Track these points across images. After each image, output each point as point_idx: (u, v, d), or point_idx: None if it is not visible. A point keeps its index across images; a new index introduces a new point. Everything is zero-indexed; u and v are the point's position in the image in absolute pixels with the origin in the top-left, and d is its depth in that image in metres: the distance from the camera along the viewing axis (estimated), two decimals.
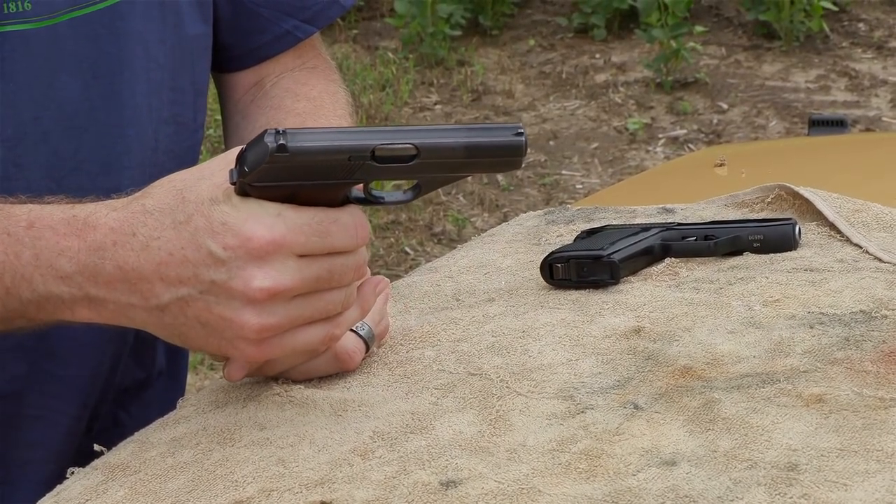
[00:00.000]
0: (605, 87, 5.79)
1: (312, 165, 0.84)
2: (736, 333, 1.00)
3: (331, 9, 1.27)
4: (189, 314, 0.87)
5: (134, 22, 1.12)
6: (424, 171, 0.86)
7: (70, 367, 1.19)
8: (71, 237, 0.89)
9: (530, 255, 1.24)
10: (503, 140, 0.85)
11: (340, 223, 0.87)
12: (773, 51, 5.98)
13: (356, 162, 0.84)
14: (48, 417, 1.19)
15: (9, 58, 1.06)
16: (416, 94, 5.83)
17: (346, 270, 0.88)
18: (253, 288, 0.85)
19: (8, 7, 1.05)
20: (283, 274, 0.85)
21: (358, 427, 0.93)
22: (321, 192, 0.87)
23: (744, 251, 1.17)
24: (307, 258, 0.86)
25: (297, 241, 0.85)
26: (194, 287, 0.86)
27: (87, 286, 0.89)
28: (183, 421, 0.99)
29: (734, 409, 0.88)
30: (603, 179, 4.89)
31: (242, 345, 0.88)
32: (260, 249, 0.84)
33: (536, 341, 1.03)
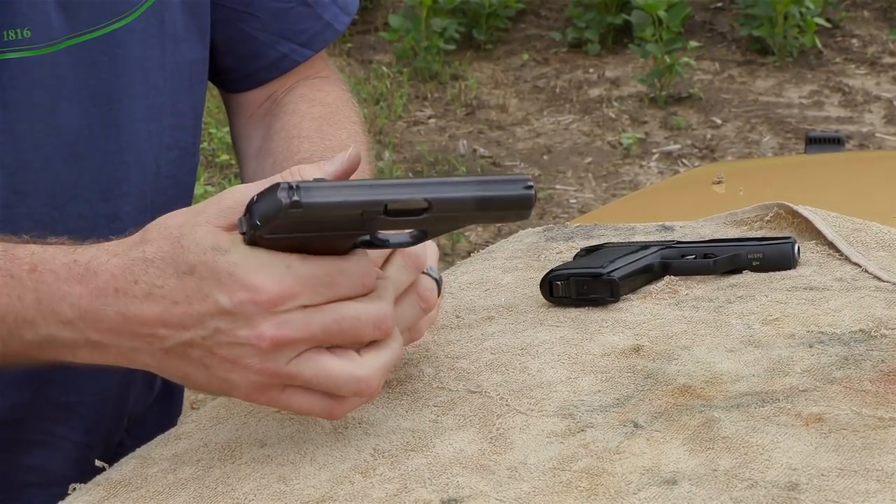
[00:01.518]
0: (598, 101, 5.81)
1: (325, 220, 0.83)
2: (735, 352, 1.00)
3: (326, 32, 1.28)
4: (193, 356, 0.87)
5: (132, 49, 1.12)
6: (434, 223, 0.87)
7: (73, 393, 1.19)
8: (73, 283, 0.88)
9: (530, 272, 1.25)
10: (513, 194, 0.86)
11: (347, 273, 0.86)
12: (767, 66, 6.00)
13: (368, 216, 0.84)
14: (50, 442, 1.19)
15: (9, 85, 1.06)
16: (410, 108, 5.84)
17: (362, 325, 0.87)
18: (260, 337, 0.84)
19: (7, 35, 1.04)
20: (290, 325, 0.84)
21: (359, 444, 0.93)
22: (331, 244, 0.87)
23: (743, 269, 1.18)
24: (314, 307, 0.85)
25: (304, 292, 0.85)
26: (198, 332, 0.85)
27: (89, 332, 0.88)
28: (184, 437, 0.99)
29: (734, 428, 0.88)
30: (597, 194, 4.90)
31: (247, 388, 0.87)
32: (269, 302, 0.84)
33: (535, 359, 1.03)
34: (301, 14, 1.26)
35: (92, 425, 1.21)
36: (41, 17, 1.06)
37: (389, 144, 5.34)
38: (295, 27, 1.25)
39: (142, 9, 1.12)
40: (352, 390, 0.87)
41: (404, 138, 5.49)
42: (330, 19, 1.27)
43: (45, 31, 1.06)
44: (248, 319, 0.84)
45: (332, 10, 1.28)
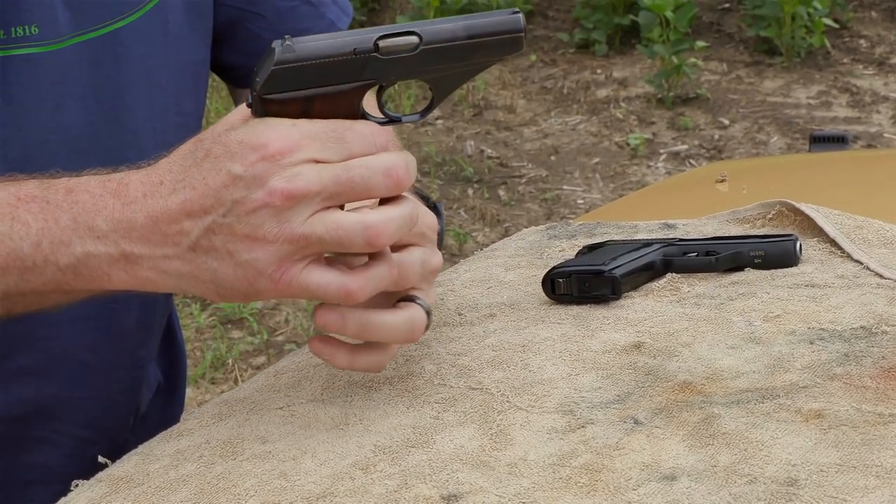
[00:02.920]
0: (606, 102, 5.81)
1: (321, 67, 0.87)
2: (736, 349, 1.01)
3: (329, 31, 1.28)
4: (218, 245, 0.87)
5: (135, 47, 1.13)
6: (430, 62, 0.89)
7: (78, 389, 1.19)
8: (107, 197, 0.90)
9: (532, 269, 1.25)
10: (501, 18, 0.89)
11: (356, 130, 0.87)
12: (775, 67, 5.99)
13: (361, 56, 0.87)
14: (53, 440, 1.20)
15: (15, 81, 1.07)
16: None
17: (371, 173, 0.87)
18: (272, 192, 0.85)
19: (15, 31, 1.06)
20: (300, 177, 0.85)
21: (359, 441, 0.93)
22: (336, 104, 0.88)
23: (745, 267, 1.18)
24: (326, 163, 0.86)
25: (313, 145, 0.86)
26: (217, 212, 0.86)
27: (123, 243, 0.89)
28: (186, 434, 0.99)
29: (734, 424, 0.88)
30: (604, 195, 4.90)
31: (270, 266, 0.87)
32: (275, 154, 0.85)
33: (537, 356, 1.04)
34: (305, 13, 1.27)
35: (98, 423, 1.21)
36: (49, 15, 1.07)
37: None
38: (300, 26, 1.26)
39: (146, 8, 1.13)
40: (362, 239, 0.86)
41: (412, 139, 5.50)
42: (333, 19, 1.28)
43: (53, 28, 1.07)
44: (260, 179, 0.85)
45: (334, 11, 1.29)
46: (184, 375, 1.39)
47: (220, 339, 3.81)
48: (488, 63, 0.91)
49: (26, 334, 1.14)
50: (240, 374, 3.62)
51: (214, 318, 3.96)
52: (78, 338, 1.16)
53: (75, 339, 1.16)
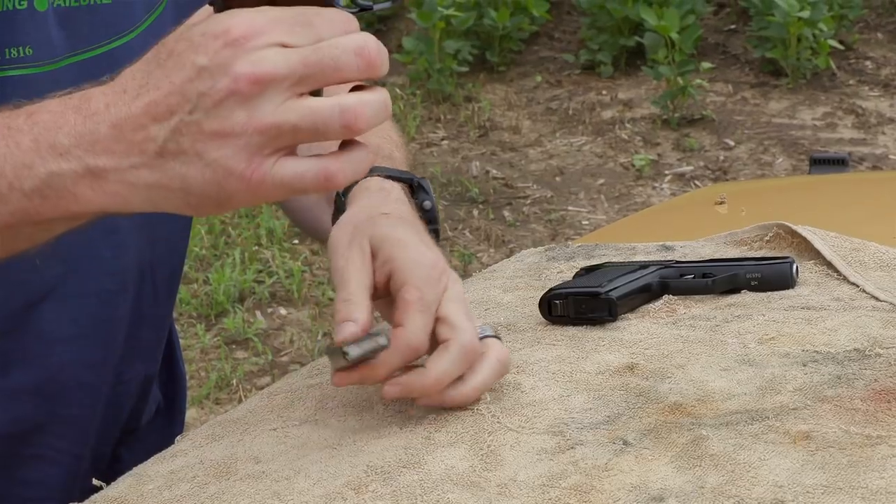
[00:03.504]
0: (611, 123, 5.82)
1: None
2: (729, 371, 1.01)
3: None
4: (186, 146, 0.82)
5: None
6: None
7: (73, 407, 1.19)
8: (68, 113, 0.86)
9: (530, 291, 1.25)
10: None
11: (324, 15, 0.83)
12: (780, 88, 6.00)
13: None
14: (50, 457, 1.20)
15: (9, 103, 1.07)
16: (423, 130, 5.86)
17: (342, 52, 0.81)
18: (238, 78, 0.80)
19: (10, 52, 1.06)
20: (267, 60, 0.80)
21: (352, 461, 0.94)
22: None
23: (741, 289, 1.18)
24: (293, 48, 0.81)
25: (279, 29, 0.81)
26: (183, 109, 0.81)
27: (86, 157, 0.84)
28: (180, 455, 1.00)
29: (721, 445, 0.89)
30: (609, 216, 4.90)
31: (240, 162, 0.82)
32: (239, 38, 0.80)
33: (530, 377, 1.04)
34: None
35: (84, 437, 1.22)
36: (43, 36, 1.07)
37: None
38: None
39: (141, 27, 1.14)
40: (339, 123, 0.81)
41: (417, 159, 5.51)
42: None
43: (47, 49, 1.08)
44: (225, 67, 0.80)
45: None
46: (184, 397, 1.39)
47: (225, 360, 3.82)
48: None
49: (23, 352, 1.14)
50: (244, 395, 3.63)
51: (219, 339, 3.96)
52: (76, 356, 1.17)
53: (73, 358, 1.17)
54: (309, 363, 1.16)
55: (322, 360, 1.15)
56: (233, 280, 4.25)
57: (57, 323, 1.14)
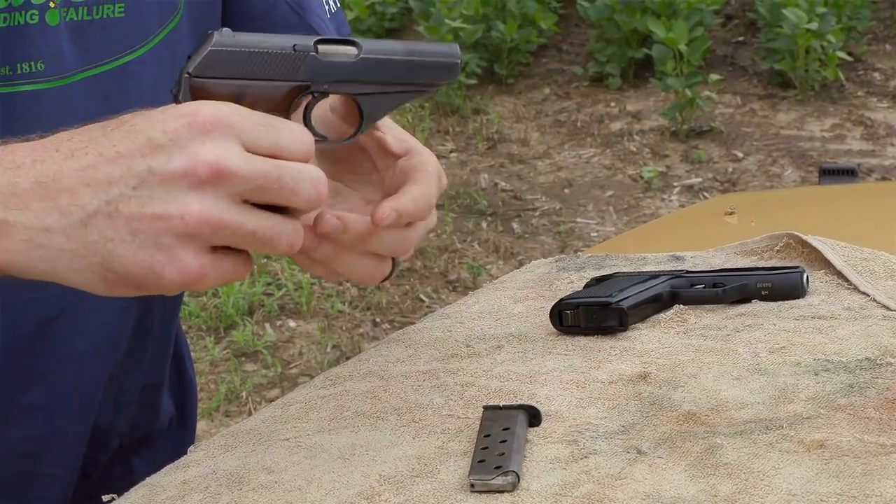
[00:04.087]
0: (620, 135, 5.82)
1: (258, 56, 0.85)
2: (741, 380, 1.01)
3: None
4: (119, 223, 0.77)
5: (144, 80, 1.13)
6: (367, 72, 0.88)
7: (76, 422, 1.19)
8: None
9: (541, 301, 1.25)
10: (440, 46, 0.90)
11: (287, 124, 0.81)
12: (789, 100, 6.00)
13: (300, 53, 0.86)
14: (58, 475, 1.20)
15: (21, 117, 1.06)
16: (432, 143, 5.86)
17: (302, 178, 0.80)
18: (197, 162, 0.76)
19: (21, 67, 1.05)
20: (230, 154, 0.77)
21: (365, 471, 0.94)
22: (267, 101, 0.86)
23: (752, 299, 1.18)
24: (255, 155, 0.79)
25: (244, 124, 0.79)
26: (127, 184, 0.77)
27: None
28: (193, 465, 1.00)
29: (736, 454, 0.89)
30: (618, 227, 4.90)
31: (181, 251, 0.78)
32: (205, 123, 0.77)
33: (543, 387, 1.04)
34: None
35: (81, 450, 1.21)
36: (55, 50, 1.07)
37: None
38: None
39: (154, 40, 1.14)
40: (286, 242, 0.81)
41: None
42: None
43: (59, 63, 1.07)
44: (184, 146, 0.77)
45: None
46: (195, 407, 1.39)
47: (234, 372, 3.82)
48: (422, 89, 0.90)
49: (37, 371, 1.14)
50: (254, 407, 3.63)
51: (229, 351, 3.97)
52: (88, 373, 1.16)
53: (86, 375, 1.16)
54: (321, 374, 1.16)
55: (335, 371, 1.15)
56: (242, 293, 4.26)
57: (69, 342, 1.14)
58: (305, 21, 1.23)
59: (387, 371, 1.13)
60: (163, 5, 1.14)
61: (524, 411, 0.98)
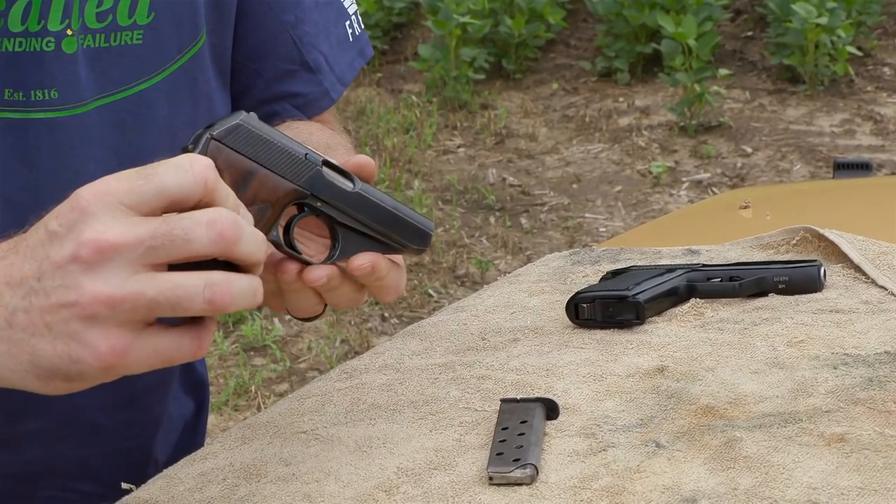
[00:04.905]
0: (628, 130, 5.82)
1: (275, 149, 0.89)
2: (759, 373, 1.01)
3: (322, 100, 1.26)
4: (34, 317, 0.78)
5: (160, 108, 1.11)
6: (355, 207, 0.92)
7: (87, 447, 1.18)
8: None
9: (556, 295, 1.25)
10: (421, 217, 0.96)
11: (169, 163, 0.79)
12: (798, 95, 5.99)
13: (310, 163, 0.91)
14: (62, 497, 1.19)
15: (34, 145, 1.05)
16: (440, 138, 5.86)
17: (193, 224, 0.77)
18: (80, 244, 0.76)
19: (35, 94, 1.04)
20: (110, 227, 0.76)
21: (382, 463, 0.93)
22: (268, 192, 0.89)
23: (769, 292, 1.18)
24: (144, 218, 0.78)
25: (121, 187, 0.78)
26: (34, 277, 0.78)
27: None
28: (210, 457, 1.00)
29: (755, 447, 0.89)
30: (626, 223, 4.90)
31: (89, 334, 0.77)
32: (86, 201, 0.77)
33: (560, 380, 1.04)
34: (303, 79, 1.24)
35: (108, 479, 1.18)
36: (70, 78, 1.05)
37: (419, 173, 5.37)
38: (294, 90, 1.24)
39: (173, 67, 1.11)
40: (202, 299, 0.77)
41: (434, 167, 5.51)
42: (328, 87, 1.25)
43: (74, 91, 1.05)
44: (71, 230, 0.77)
45: (330, 79, 1.26)
46: (206, 403, 1.38)
47: (243, 367, 3.82)
48: (393, 247, 0.94)
49: (38, 397, 1.12)
50: (263, 401, 3.63)
51: (237, 346, 3.97)
52: (90, 400, 1.14)
53: (87, 402, 1.14)
54: (336, 367, 1.16)
55: (351, 364, 1.15)
56: None
57: None
58: (302, 57, 1.23)
59: (402, 364, 1.12)
60: (184, 31, 1.11)
61: (542, 404, 0.98)
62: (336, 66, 1.26)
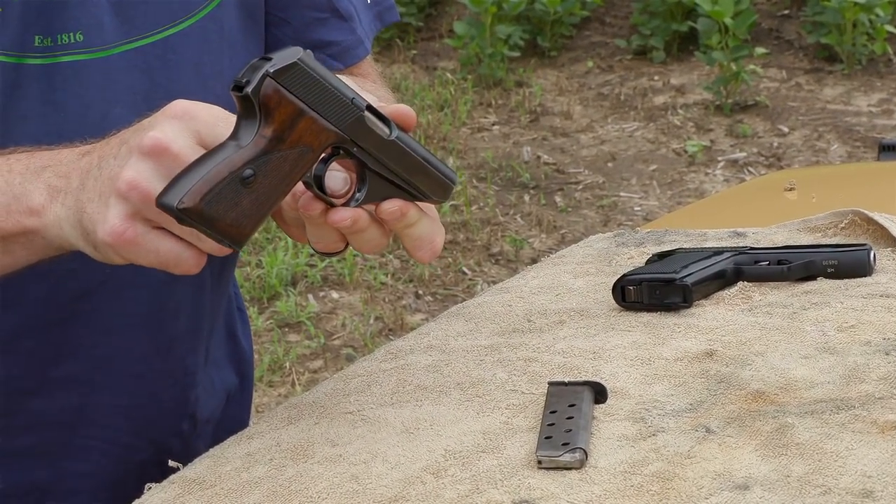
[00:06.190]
0: (663, 109, 5.78)
1: (326, 92, 0.90)
2: (810, 359, 1.00)
3: (357, 48, 1.26)
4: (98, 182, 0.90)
5: (188, 54, 1.12)
6: (389, 154, 0.93)
7: (123, 397, 1.18)
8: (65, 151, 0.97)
9: (601, 276, 1.24)
10: (446, 173, 0.97)
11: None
12: (835, 74, 5.94)
13: (355, 107, 0.91)
14: (99, 447, 1.19)
15: (61, 88, 1.07)
16: (474, 115, 5.84)
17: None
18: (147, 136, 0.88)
19: (61, 38, 1.06)
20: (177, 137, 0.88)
21: (430, 445, 0.93)
22: (310, 136, 0.90)
23: (818, 276, 1.17)
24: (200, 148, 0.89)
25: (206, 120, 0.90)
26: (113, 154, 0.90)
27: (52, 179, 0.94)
28: (257, 436, 0.99)
29: (808, 434, 0.88)
30: (661, 202, 4.87)
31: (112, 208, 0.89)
32: (174, 111, 0.90)
33: (608, 363, 1.03)
34: (335, 26, 1.24)
35: (145, 430, 1.21)
36: (94, 22, 1.07)
37: (453, 151, 5.35)
38: (327, 38, 1.24)
39: (201, 14, 1.12)
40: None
41: (468, 145, 5.50)
42: (362, 36, 1.26)
43: (98, 35, 1.07)
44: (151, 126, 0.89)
45: (362, 30, 1.26)
46: (251, 378, 1.39)
47: (278, 343, 3.83)
48: (412, 194, 0.95)
49: (72, 342, 1.13)
50: (297, 378, 3.64)
51: (272, 322, 3.98)
52: (125, 346, 1.16)
53: (122, 348, 1.16)
54: (381, 347, 1.16)
55: (395, 344, 1.15)
56: (285, 263, 4.27)
57: (107, 314, 1.14)
58: (332, 4, 1.23)
59: (448, 345, 1.12)
60: None
61: (590, 387, 0.97)
62: (363, 19, 1.26)
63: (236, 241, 0.89)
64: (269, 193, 0.89)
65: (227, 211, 0.87)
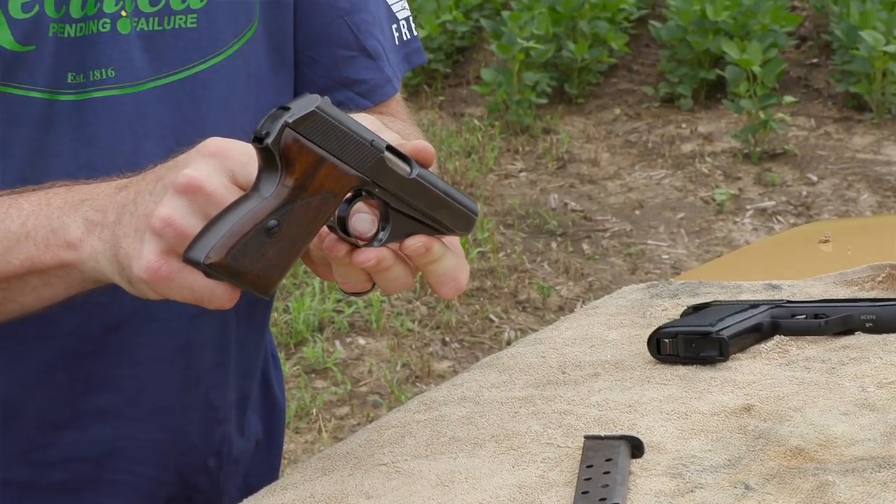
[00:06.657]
0: (691, 156, 5.78)
1: (345, 137, 0.90)
2: (850, 415, 0.99)
3: (386, 87, 1.26)
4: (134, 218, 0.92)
5: (217, 90, 1.14)
6: (411, 193, 0.93)
7: (153, 431, 1.19)
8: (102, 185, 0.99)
9: (636, 328, 1.24)
10: (468, 205, 0.97)
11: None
12: (864, 123, 5.93)
13: (375, 149, 0.91)
14: (128, 482, 1.19)
15: (92, 123, 1.09)
16: (502, 162, 5.85)
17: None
18: (181, 174, 0.90)
19: (93, 74, 1.08)
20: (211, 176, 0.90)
21: (465, 499, 0.92)
22: (333, 181, 0.90)
23: (855, 331, 1.16)
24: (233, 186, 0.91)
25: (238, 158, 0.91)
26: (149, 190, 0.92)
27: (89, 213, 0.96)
28: (290, 488, 0.99)
29: (849, 493, 0.86)
30: (689, 250, 4.86)
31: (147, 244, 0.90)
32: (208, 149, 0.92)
33: (644, 417, 1.02)
34: (363, 64, 1.25)
35: (174, 465, 1.21)
36: (125, 58, 1.09)
37: (480, 197, 5.36)
38: (355, 76, 1.25)
39: (229, 51, 1.14)
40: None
41: (495, 191, 5.50)
42: (390, 75, 1.26)
43: (129, 71, 1.10)
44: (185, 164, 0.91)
45: (390, 69, 1.27)
46: (281, 429, 1.38)
47: (304, 389, 3.82)
48: (436, 229, 0.95)
49: (103, 374, 1.14)
50: (323, 424, 3.63)
51: (299, 368, 3.97)
52: (154, 379, 1.17)
53: (151, 381, 1.17)
54: (415, 398, 1.15)
55: (429, 395, 1.14)
56: (312, 309, 4.26)
57: (136, 346, 1.14)
58: (360, 43, 1.24)
59: (482, 396, 1.11)
60: (238, 17, 1.15)
61: (626, 442, 0.96)
62: (392, 59, 1.27)
63: (264, 291, 0.90)
64: (293, 242, 0.90)
65: (254, 262, 0.88)
